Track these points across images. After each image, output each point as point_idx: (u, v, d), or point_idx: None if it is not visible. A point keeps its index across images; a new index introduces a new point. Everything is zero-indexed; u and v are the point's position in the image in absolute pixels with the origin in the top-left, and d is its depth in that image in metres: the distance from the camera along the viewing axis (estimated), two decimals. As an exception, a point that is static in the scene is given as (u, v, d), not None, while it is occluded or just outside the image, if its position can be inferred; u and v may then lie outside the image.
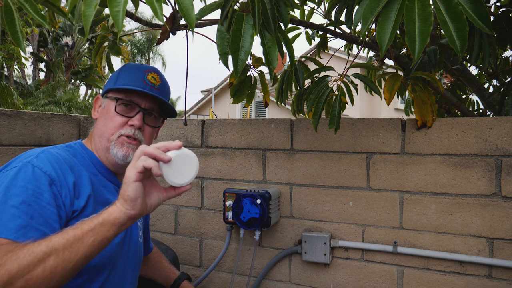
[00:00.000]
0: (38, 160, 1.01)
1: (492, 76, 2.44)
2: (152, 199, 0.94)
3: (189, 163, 0.92)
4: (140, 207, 0.89)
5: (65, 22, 16.71)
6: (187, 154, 0.92)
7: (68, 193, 1.01)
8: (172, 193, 0.96)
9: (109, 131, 1.14)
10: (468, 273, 1.53)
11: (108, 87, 1.18)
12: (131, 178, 0.87)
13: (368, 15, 0.93)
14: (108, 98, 1.17)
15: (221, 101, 17.25)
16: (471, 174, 1.52)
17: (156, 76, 1.20)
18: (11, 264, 0.79)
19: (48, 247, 0.82)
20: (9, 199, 0.91)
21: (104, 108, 1.18)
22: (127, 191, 0.88)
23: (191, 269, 2.01)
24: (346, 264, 1.72)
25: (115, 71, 1.24)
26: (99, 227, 0.86)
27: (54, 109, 12.44)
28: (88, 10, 0.78)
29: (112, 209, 0.88)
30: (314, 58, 1.87)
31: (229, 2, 1.16)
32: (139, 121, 1.15)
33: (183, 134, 2.03)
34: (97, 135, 1.17)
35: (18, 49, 9.69)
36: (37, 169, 0.98)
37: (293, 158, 1.81)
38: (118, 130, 1.14)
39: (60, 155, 1.07)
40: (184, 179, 0.92)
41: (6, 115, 1.75)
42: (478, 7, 0.91)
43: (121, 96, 1.15)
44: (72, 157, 1.11)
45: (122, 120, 1.14)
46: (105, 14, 8.60)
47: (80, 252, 0.84)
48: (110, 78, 1.23)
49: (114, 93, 1.17)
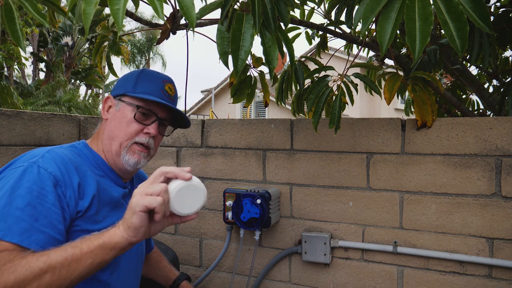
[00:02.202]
0: (43, 160, 1.00)
1: (492, 76, 2.44)
2: (156, 226, 0.92)
3: (196, 194, 0.91)
4: (143, 235, 0.89)
5: (65, 22, 16.72)
6: (195, 185, 0.91)
7: (72, 194, 1.01)
8: (177, 220, 0.95)
9: (124, 136, 1.14)
10: (468, 273, 1.53)
11: (125, 92, 1.16)
12: (138, 207, 0.86)
13: (369, 15, 0.93)
14: (125, 103, 1.16)
15: (221, 101, 17.26)
16: (471, 174, 1.52)
17: (172, 87, 1.21)
18: (8, 276, 0.81)
19: (46, 263, 0.83)
20: (14, 201, 0.91)
21: (118, 111, 1.16)
22: (132, 219, 0.86)
23: (191, 269, 2.01)
24: (346, 264, 1.72)
25: (132, 74, 1.21)
26: (98, 250, 0.86)
27: (54, 109, 12.43)
28: (88, 8, 0.78)
29: (114, 232, 0.88)
30: (314, 58, 1.87)
31: (229, 2, 1.16)
32: (155, 130, 1.16)
33: (183, 134, 2.03)
34: (108, 137, 1.16)
35: (18, 49, 9.64)
36: (42, 169, 0.98)
37: (293, 158, 1.81)
38: (133, 137, 1.14)
39: (66, 155, 1.07)
40: (190, 209, 0.91)
41: (6, 115, 1.75)
42: (478, 7, 0.91)
43: (142, 104, 1.14)
44: (77, 157, 1.11)
45: (138, 127, 1.14)
46: (105, 14, 8.60)
47: (76, 272, 0.85)
48: (126, 81, 1.20)
49: (133, 100, 1.15)
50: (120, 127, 1.14)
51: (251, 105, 14.39)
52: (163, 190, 0.87)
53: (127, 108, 1.15)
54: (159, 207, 0.86)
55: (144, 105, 1.15)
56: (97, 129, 1.22)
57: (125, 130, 1.14)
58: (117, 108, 1.17)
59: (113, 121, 1.16)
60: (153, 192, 0.87)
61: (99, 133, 1.20)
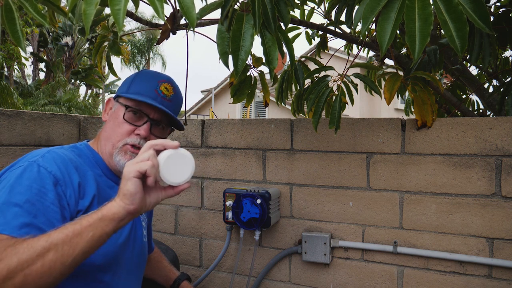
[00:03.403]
0: (43, 159, 1.01)
1: (492, 76, 2.44)
2: (151, 197, 0.94)
3: (185, 163, 0.94)
4: (139, 202, 0.90)
5: (65, 22, 16.71)
6: (182, 153, 0.94)
7: (73, 193, 1.02)
8: (171, 192, 0.96)
9: (115, 137, 1.14)
10: (468, 273, 1.53)
11: (120, 92, 1.18)
12: (131, 173, 0.88)
13: (369, 15, 0.93)
14: (119, 103, 1.17)
15: (221, 101, 17.26)
16: (471, 174, 1.52)
17: (170, 87, 1.20)
18: (11, 258, 0.80)
19: (48, 242, 0.82)
20: (13, 197, 0.92)
21: (113, 112, 1.18)
22: (126, 185, 0.88)
23: (191, 269, 2.01)
24: (346, 264, 1.72)
25: (131, 76, 1.22)
26: (98, 222, 0.86)
27: (54, 109, 12.43)
28: (88, 9, 0.78)
29: (111, 204, 0.89)
30: (314, 58, 1.87)
31: (229, 2, 1.16)
32: (146, 131, 1.15)
33: (183, 134, 2.03)
34: (104, 138, 1.17)
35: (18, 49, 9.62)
36: (42, 168, 0.99)
37: (293, 158, 1.81)
38: (124, 138, 1.14)
39: (66, 155, 1.07)
40: (180, 178, 0.94)
41: (6, 115, 1.75)
42: (478, 7, 0.91)
43: (131, 104, 1.14)
44: (78, 157, 1.12)
45: (129, 128, 1.14)
46: (105, 14, 8.60)
47: (79, 247, 0.84)
48: (124, 82, 1.22)
49: (124, 100, 1.16)
50: (113, 128, 1.16)
51: (251, 105, 14.38)
52: (151, 155, 0.90)
53: (120, 109, 1.16)
54: (150, 169, 0.88)
55: (133, 105, 1.14)
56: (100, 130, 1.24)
57: (117, 130, 1.14)
58: (113, 110, 1.19)
59: (109, 122, 1.18)
60: (143, 158, 0.90)
61: (100, 134, 1.22)
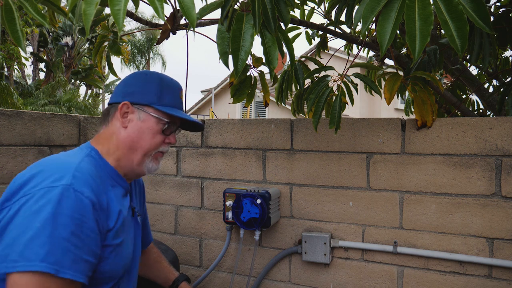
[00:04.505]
0: (77, 182, 0.98)
1: (492, 76, 2.44)
2: None
3: None
4: None
5: (65, 22, 16.71)
6: None
7: (104, 216, 1.03)
8: None
9: (149, 147, 1.16)
10: (468, 273, 1.53)
11: (149, 103, 1.14)
12: None
13: (369, 15, 0.93)
14: (150, 115, 1.15)
15: (221, 101, 17.25)
16: (471, 174, 1.52)
17: (182, 93, 1.27)
18: None
19: None
20: (57, 230, 0.91)
21: (142, 121, 1.14)
22: None
23: (191, 269, 2.01)
24: (346, 264, 1.72)
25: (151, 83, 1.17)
26: None
27: (54, 109, 12.43)
28: (88, 9, 0.78)
29: None
30: (314, 58, 1.87)
31: (229, 2, 1.16)
32: (175, 139, 1.23)
33: (183, 134, 2.03)
34: (129, 146, 1.14)
35: (18, 49, 9.64)
36: (79, 194, 0.96)
37: (293, 158, 1.81)
38: (158, 148, 1.18)
39: (92, 171, 1.05)
40: None
41: (6, 115, 1.75)
42: (478, 7, 0.91)
43: (170, 120, 1.18)
44: (99, 171, 1.09)
45: (163, 138, 1.19)
46: (105, 14, 8.60)
47: None
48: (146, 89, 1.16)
49: (159, 113, 1.15)
50: (144, 138, 1.15)
51: (251, 105, 14.38)
52: None
53: (153, 120, 1.15)
54: None
55: (171, 120, 1.19)
56: (103, 131, 1.18)
57: (150, 141, 1.16)
58: (139, 118, 1.14)
59: (135, 132, 1.14)
60: None
61: (111, 139, 1.15)
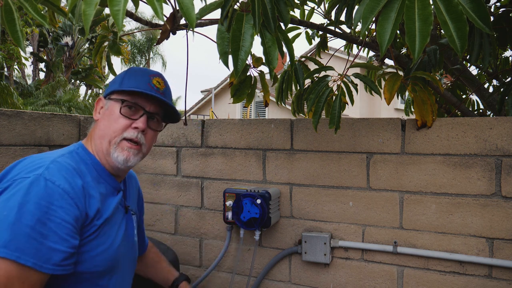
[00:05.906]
0: (49, 172, 0.98)
1: (492, 76, 2.44)
2: None
3: None
4: None
5: (65, 22, 16.71)
6: None
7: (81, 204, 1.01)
8: None
9: (112, 133, 1.13)
10: (468, 273, 1.53)
11: (113, 89, 1.17)
12: None
13: (368, 15, 0.93)
14: (112, 100, 1.16)
15: (221, 101, 17.25)
16: (471, 174, 1.52)
17: (161, 81, 1.21)
18: None
19: None
20: (23, 217, 0.90)
21: (107, 109, 1.17)
22: None
23: (191, 269, 2.01)
24: (346, 264, 1.72)
25: (120, 74, 1.23)
26: None
27: (54, 109, 12.43)
28: (88, 9, 0.78)
29: None
30: (314, 58, 1.87)
31: (229, 2, 1.16)
32: (144, 123, 1.14)
33: (183, 134, 2.03)
34: (98, 136, 1.15)
35: (18, 49, 9.62)
36: (50, 182, 0.96)
37: (293, 158, 1.81)
38: (121, 133, 1.13)
39: (70, 164, 1.06)
40: None
41: (6, 115, 1.75)
42: (478, 7, 0.91)
43: (127, 98, 1.14)
44: (80, 165, 1.10)
45: (126, 122, 1.13)
46: (105, 14, 8.59)
47: None
48: (114, 80, 1.22)
49: (119, 95, 1.16)
50: (109, 124, 1.14)
51: (251, 105, 14.39)
52: None
53: (115, 105, 1.15)
54: None
55: (129, 99, 1.14)
56: (90, 130, 1.22)
57: (113, 126, 1.13)
58: (106, 107, 1.17)
59: (103, 120, 1.16)
60: None
61: (92, 134, 1.19)
